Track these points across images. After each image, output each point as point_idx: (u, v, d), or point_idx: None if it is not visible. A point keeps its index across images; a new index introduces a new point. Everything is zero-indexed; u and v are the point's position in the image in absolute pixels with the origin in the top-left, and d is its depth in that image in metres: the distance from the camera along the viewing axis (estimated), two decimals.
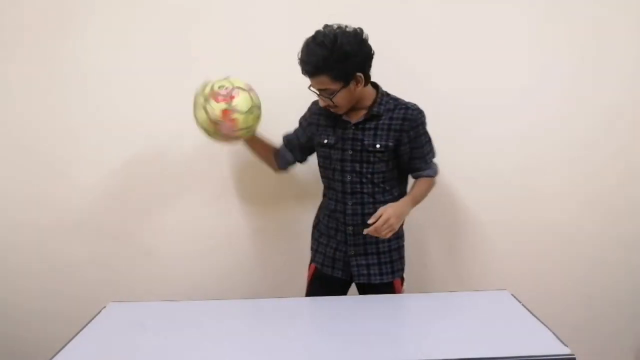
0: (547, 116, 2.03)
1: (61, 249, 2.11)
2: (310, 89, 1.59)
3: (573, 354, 1.24)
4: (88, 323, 1.47)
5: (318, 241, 1.81)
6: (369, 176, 1.64)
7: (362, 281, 1.72)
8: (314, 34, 1.51)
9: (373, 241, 1.68)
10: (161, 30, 1.94)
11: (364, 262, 1.70)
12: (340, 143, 1.65)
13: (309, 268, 1.86)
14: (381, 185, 1.66)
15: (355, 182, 1.66)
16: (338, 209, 1.71)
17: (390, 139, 1.60)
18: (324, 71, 1.49)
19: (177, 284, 2.14)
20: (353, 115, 1.65)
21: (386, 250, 1.70)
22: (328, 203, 1.75)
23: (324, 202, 1.79)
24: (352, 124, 1.63)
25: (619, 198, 2.10)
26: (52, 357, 1.27)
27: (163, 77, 1.97)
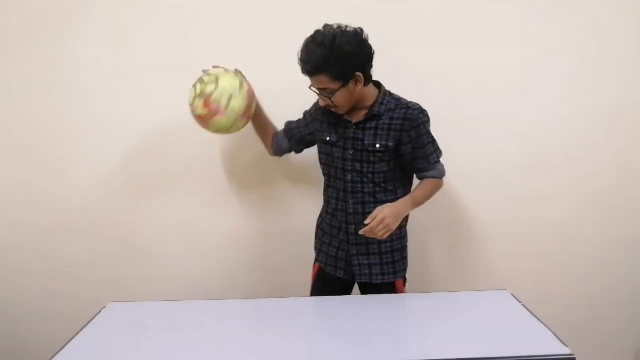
0: (547, 116, 2.03)
1: (61, 249, 2.11)
2: (311, 89, 1.59)
3: (573, 354, 1.24)
4: (88, 323, 1.47)
5: (322, 240, 1.81)
6: (370, 176, 1.64)
7: (364, 281, 1.71)
8: (314, 34, 1.51)
9: (375, 241, 1.66)
10: (161, 30, 1.94)
11: (366, 262, 1.70)
12: (341, 142, 1.65)
13: (313, 267, 1.86)
14: (382, 185, 1.65)
15: (356, 182, 1.66)
16: (340, 208, 1.71)
17: (390, 139, 1.60)
18: (324, 71, 1.49)
19: (177, 284, 2.14)
20: (354, 114, 1.64)
21: (389, 250, 1.70)
22: (330, 202, 1.75)
23: (327, 202, 1.79)
24: (353, 124, 1.63)
25: (619, 198, 2.10)
26: (52, 357, 1.27)
27: (163, 77, 1.96)
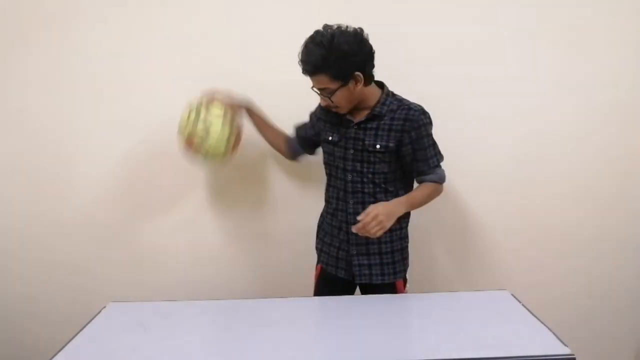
0: (549, 119, 2.02)
1: (61, 249, 2.11)
2: (313, 89, 1.59)
3: (573, 354, 1.24)
4: (88, 323, 1.47)
5: (323, 240, 1.81)
6: (370, 176, 1.64)
7: (364, 281, 1.71)
8: (313, 34, 1.51)
9: (375, 241, 1.66)
10: (161, 30, 1.94)
11: (366, 262, 1.70)
12: (343, 141, 1.65)
13: (316, 268, 1.86)
14: (382, 185, 1.65)
15: (356, 182, 1.65)
16: (340, 208, 1.71)
17: (391, 140, 1.60)
18: (323, 70, 1.49)
19: (178, 284, 2.14)
20: (356, 114, 1.64)
21: (389, 250, 1.69)
22: (330, 202, 1.75)
23: (327, 201, 1.79)
24: (355, 124, 1.63)
25: (619, 198, 2.10)
26: (52, 357, 1.27)
27: (163, 77, 1.96)
